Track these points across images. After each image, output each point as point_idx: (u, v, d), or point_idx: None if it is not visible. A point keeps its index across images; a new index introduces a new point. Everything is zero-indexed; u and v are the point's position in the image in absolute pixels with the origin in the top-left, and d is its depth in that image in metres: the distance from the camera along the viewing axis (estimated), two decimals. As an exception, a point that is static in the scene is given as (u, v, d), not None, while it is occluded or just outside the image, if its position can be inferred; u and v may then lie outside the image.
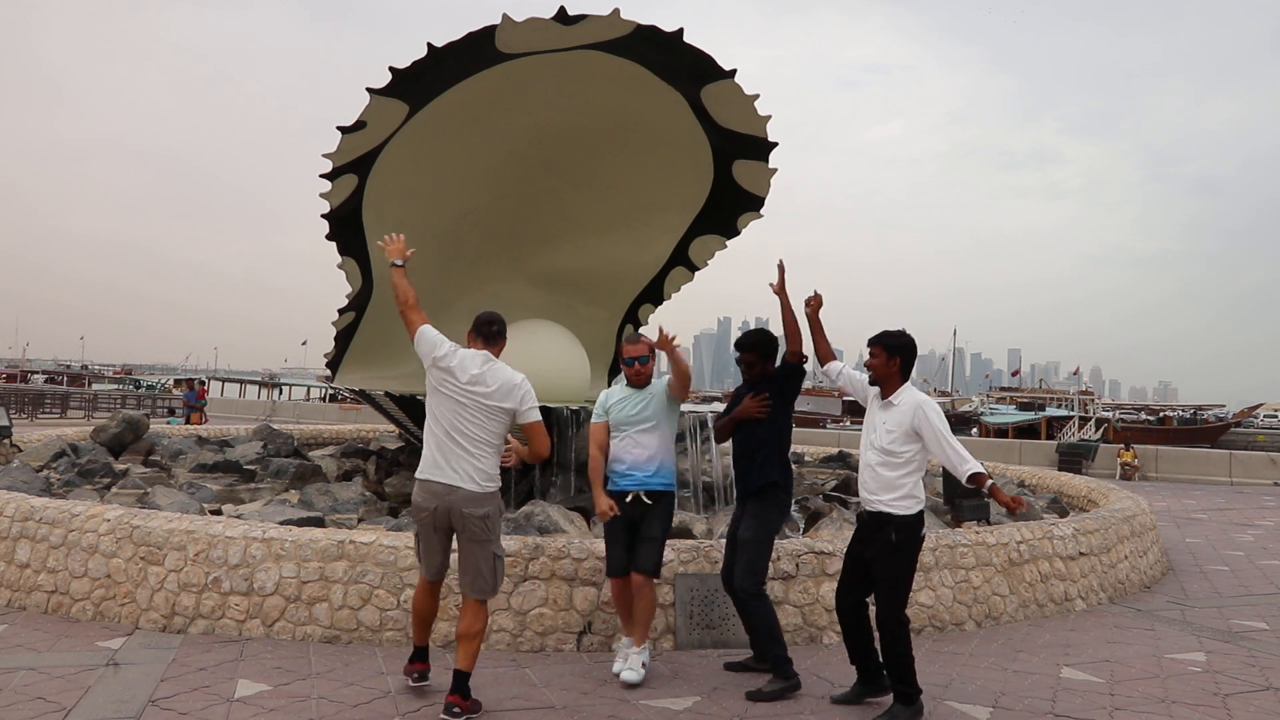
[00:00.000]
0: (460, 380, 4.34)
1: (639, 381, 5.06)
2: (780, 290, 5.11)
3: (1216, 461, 20.38)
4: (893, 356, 4.52)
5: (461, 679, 4.20)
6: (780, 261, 5.19)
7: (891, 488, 4.37)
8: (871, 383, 4.60)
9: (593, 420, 5.07)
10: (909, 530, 4.36)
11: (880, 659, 4.54)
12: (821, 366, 5.18)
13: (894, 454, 4.39)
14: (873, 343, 4.61)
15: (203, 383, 32.29)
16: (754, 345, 5.14)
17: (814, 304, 5.12)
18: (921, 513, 4.40)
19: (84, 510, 6.05)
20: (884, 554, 4.37)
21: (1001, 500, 4.19)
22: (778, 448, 5.04)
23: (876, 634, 4.45)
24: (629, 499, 4.86)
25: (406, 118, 8.10)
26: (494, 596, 4.49)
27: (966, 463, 4.27)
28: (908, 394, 4.49)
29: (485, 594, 4.33)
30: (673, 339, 4.93)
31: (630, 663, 4.79)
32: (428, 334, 4.44)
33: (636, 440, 4.93)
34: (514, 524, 6.87)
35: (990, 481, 4.22)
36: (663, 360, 5.16)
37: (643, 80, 8.45)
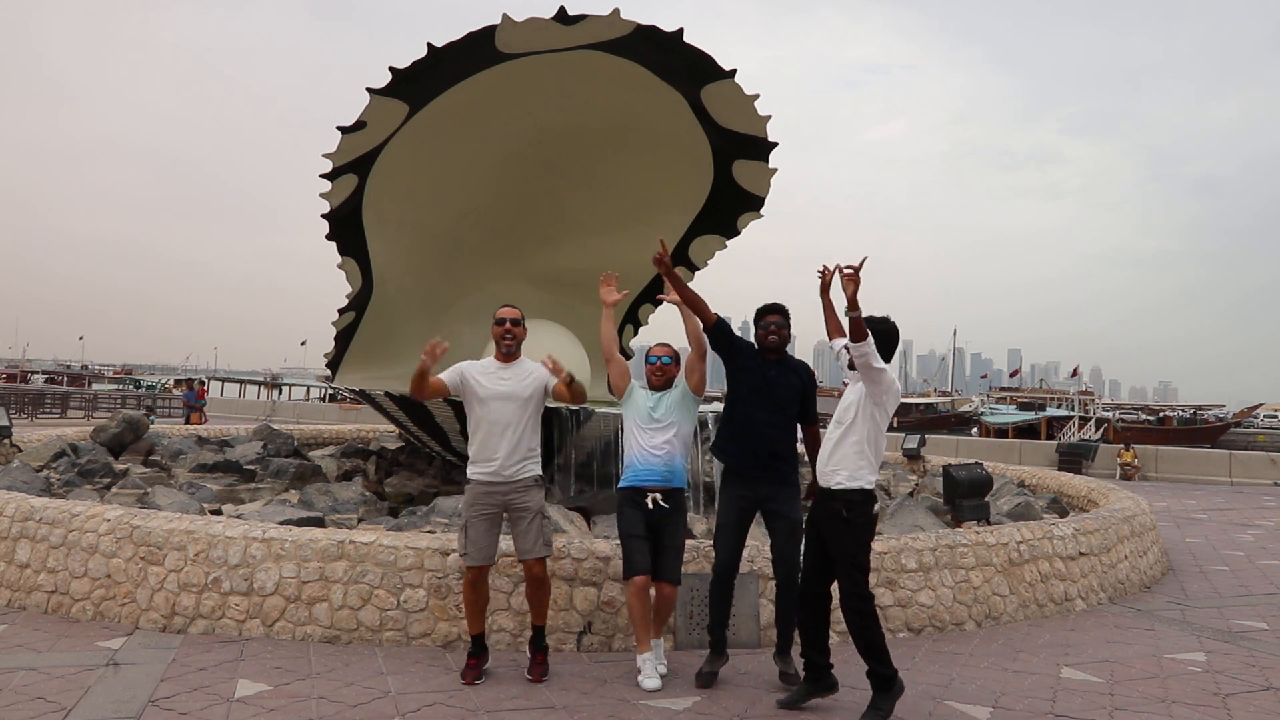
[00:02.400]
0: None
1: (659, 383, 5.04)
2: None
3: (1216, 461, 20.38)
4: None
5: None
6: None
7: (842, 464, 4.37)
8: (850, 367, 4.51)
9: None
10: (858, 507, 4.34)
11: (829, 658, 4.51)
12: (830, 340, 4.94)
13: (843, 422, 4.41)
14: (771, 311, 4.69)
15: (202, 383, 32.21)
16: (780, 308, 5.00)
17: (826, 279, 4.70)
18: (871, 492, 4.38)
19: (84, 510, 6.05)
20: (836, 531, 4.35)
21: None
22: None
23: (845, 622, 4.38)
24: (649, 499, 4.81)
25: (406, 118, 8.11)
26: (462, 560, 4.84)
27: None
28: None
29: None
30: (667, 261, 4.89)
31: (648, 670, 4.75)
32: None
33: (655, 438, 4.90)
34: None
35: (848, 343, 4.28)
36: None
37: (643, 80, 8.46)
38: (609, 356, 5.11)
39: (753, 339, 5.10)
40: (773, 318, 4.96)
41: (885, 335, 4.45)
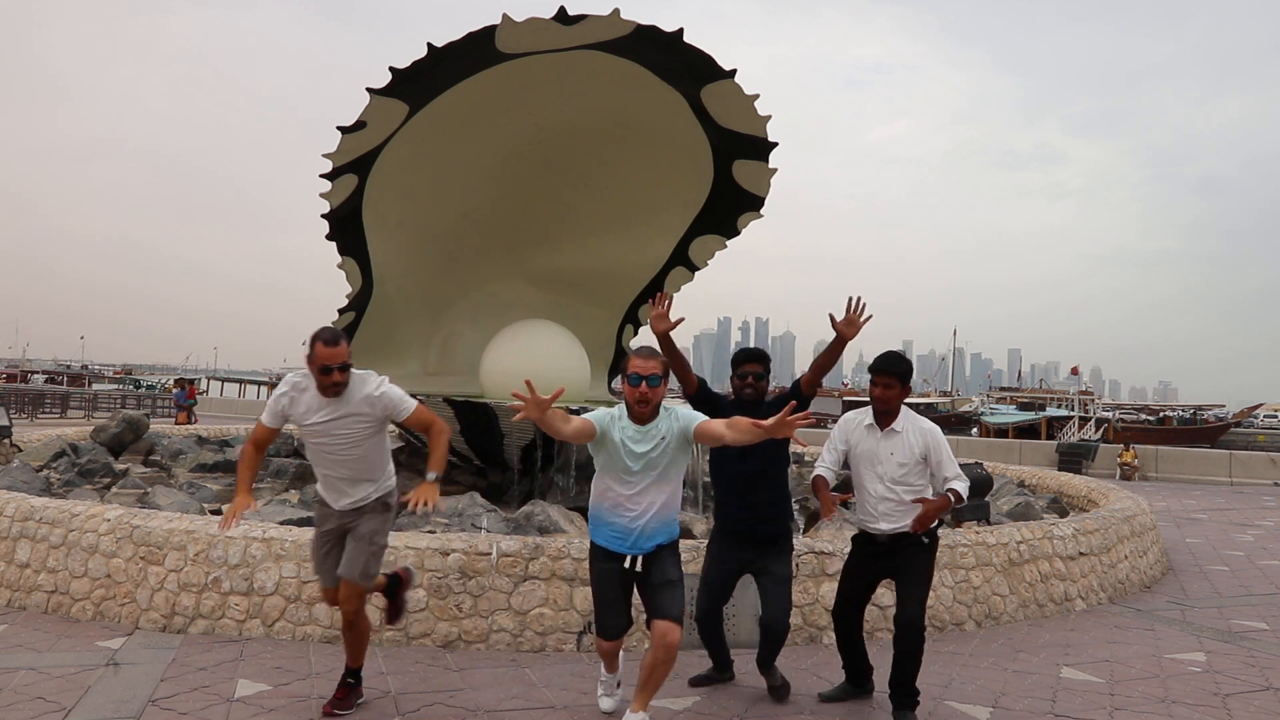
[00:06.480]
0: None
1: (644, 412, 3.86)
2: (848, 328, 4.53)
3: (1216, 461, 20.38)
4: (905, 385, 4.40)
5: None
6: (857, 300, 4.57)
7: (914, 511, 4.31)
8: (878, 412, 4.41)
9: (588, 416, 3.90)
10: (933, 536, 4.41)
11: (870, 662, 4.68)
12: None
13: (912, 485, 4.33)
14: (885, 372, 4.37)
15: (192, 382, 32.25)
16: (761, 356, 4.75)
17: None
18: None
19: (84, 510, 6.05)
20: (915, 554, 4.33)
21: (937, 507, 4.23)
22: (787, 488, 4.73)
23: (898, 634, 4.34)
24: (626, 563, 3.92)
25: (406, 118, 8.10)
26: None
27: (958, 480, 4.31)
28: (908, 420, 4.43)
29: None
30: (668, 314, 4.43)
31: (604, 690, 4.33)
32: None
33: (632, 493, 3.87)
34: (514, 524, 6.87)
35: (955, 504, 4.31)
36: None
37: (643, 80, 8.45)
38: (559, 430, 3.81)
39: (730, 380, 4.86)
40: (750, 367, 4.66)
41: (911, 375, 4.45)
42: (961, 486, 4.27)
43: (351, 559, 4.26)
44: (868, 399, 4.59)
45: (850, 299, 4.57)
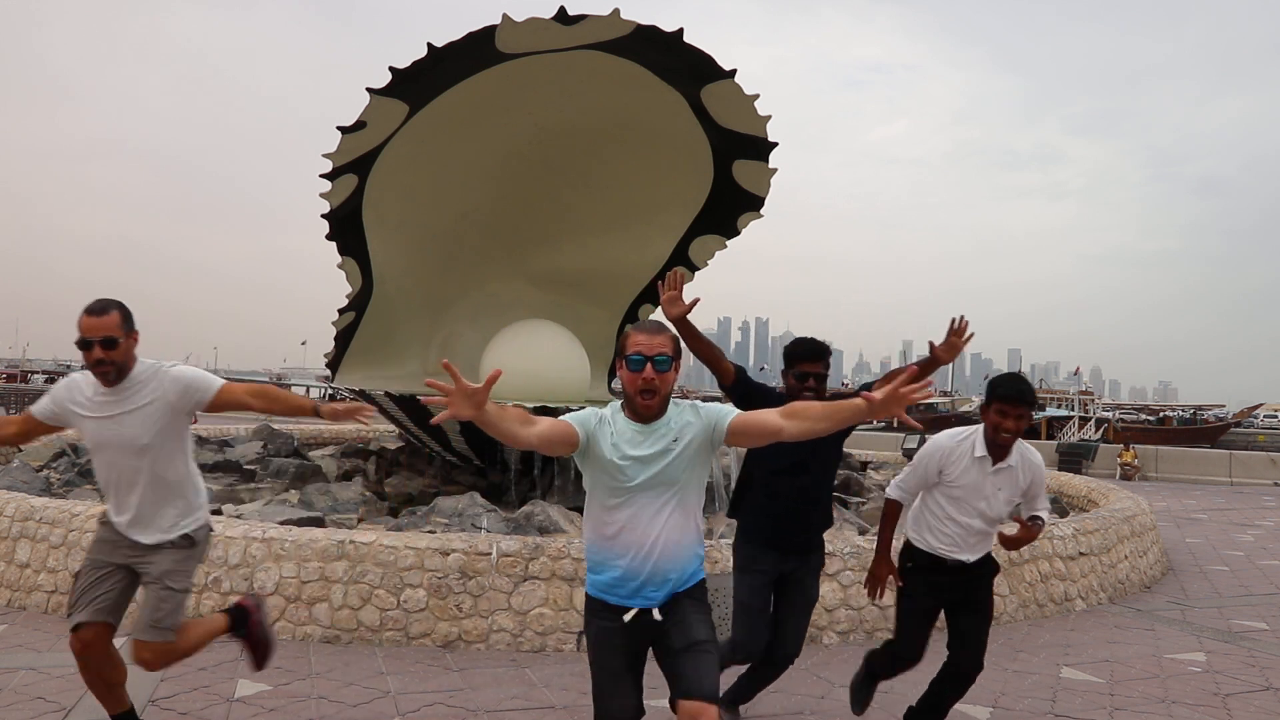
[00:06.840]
0: None
1: (649, 406, 2.69)
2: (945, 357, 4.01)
3: (1216, 461, 20.39)
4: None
5: None
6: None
7: (988, 541, 4.07)
8: (999, 445, 3.79)
9: (567, 416, 2.73)
10: (994, 558, 4.18)
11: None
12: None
13: (1000, 522, 4.03)
14: (1020, 402, 3.70)
15: None
16: (823, 354, 3.90)
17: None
18: None
19: (84, 510, 6.06)
20: (985, 585, 4.12)
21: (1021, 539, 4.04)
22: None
23: (960, 677, 4.15)
24: (630, 616, 2.72)
25: (406, 118, 8.11)
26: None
27: (1045, 507, 4.10)
28: (1020, 452, 3.88)
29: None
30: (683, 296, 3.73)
31: None
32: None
33: (628, 518, 2.70)
34: (514, 524, 6.87)
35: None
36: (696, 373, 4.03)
37: (643, 80, 8.47)
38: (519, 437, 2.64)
39: (778, 372, 4.29)
40: (811, 368, 3.83)
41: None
42: (1045, 513, 4.05)
43: (140, 609, 3.48)
44: None
45: (954, 320, 3.99)
